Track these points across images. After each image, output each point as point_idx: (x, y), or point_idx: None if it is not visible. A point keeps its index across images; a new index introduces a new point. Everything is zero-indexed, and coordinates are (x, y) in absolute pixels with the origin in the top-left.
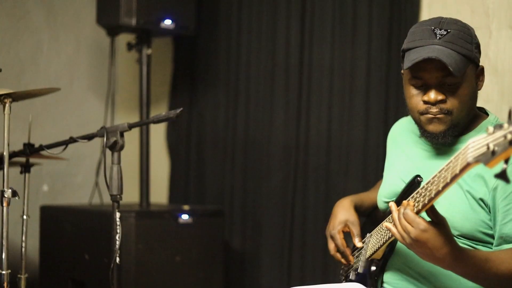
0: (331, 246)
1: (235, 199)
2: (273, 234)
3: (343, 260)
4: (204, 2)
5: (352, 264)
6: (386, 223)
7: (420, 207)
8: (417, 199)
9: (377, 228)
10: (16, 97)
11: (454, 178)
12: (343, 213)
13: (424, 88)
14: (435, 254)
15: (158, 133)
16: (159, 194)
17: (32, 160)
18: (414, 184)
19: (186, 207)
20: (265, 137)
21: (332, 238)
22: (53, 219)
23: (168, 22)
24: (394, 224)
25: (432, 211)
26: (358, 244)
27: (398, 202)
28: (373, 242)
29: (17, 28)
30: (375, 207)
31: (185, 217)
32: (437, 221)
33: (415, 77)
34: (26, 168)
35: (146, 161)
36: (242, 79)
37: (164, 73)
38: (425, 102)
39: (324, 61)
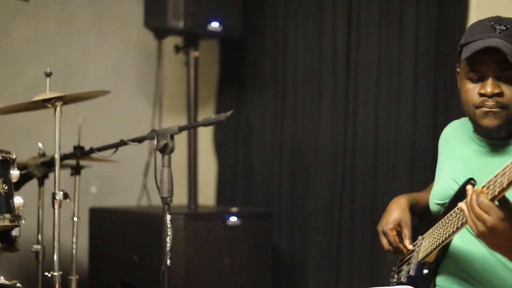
0: (384, 241)
1: (282, 201)
2: (320, 236)
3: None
4: (250, 4)
5: (403, 259)
6: (460, 203)
7: (490, 197)
8: (490, 188)
9: (430, 231)
10: (66, 100)
11: None
12: (398, 212)
13: (481, 82)
14: (511, 245)
15: (205, 136)
16: (207, 196)
17: (82, 162)
18: None
19: (234, 209)
20: (312, 139)
21: (385, 234)
22: (102, 220)
23: (215, 25)
24: (468, 210)
25: (505, 202)
26: (409, 246)
27: (451, 204)
28: (426, 245)
29: (65, 31)
30: (428, 207)
31: (233, 219)
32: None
33: (472, 70)
34: (76, 170)
35: (194, 164)
36: (288, 80)
37: (210, 76)
38: (481, 95)
39: (371, 61)
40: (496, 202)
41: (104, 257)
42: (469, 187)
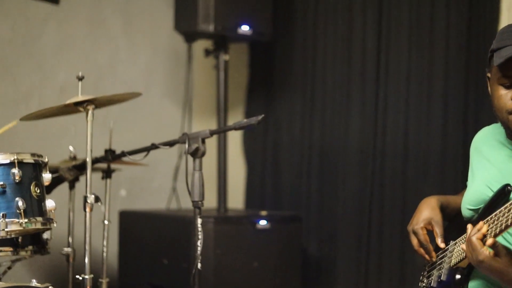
0: (414, 241)
1: (311, 204)
2: (349, 240)
3: (426, 256)
4: (280, 8)
5: (434, 264)
6: (462, 245)
7: (497, 231)
8: (495, 222)
9: (462, 237)
10: (98, 103)
11: None
12: (429, 211)
13: None
14: (502, 278)
15: (234, 139)
16: (236, 199)
17: (112, 165)
18: (503, 193)
19: (264, 213)
20: (341, 143)
21: (415, 233)
22: (132, 223)
23: (245, 28)
24: (466, 244)
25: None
26: (441, 244)
27: (486, 210)
28: (459, 250)
29: (95, 35)
30: (459, 211)
31: (263, 222)
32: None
33: (504, 76)
34: (107, 174)
35: (224, 167)
36: (318, 84)
37: (240, 79)
38: None
39: (401, 65)
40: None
41: (134, 259)
42: (468, 226)
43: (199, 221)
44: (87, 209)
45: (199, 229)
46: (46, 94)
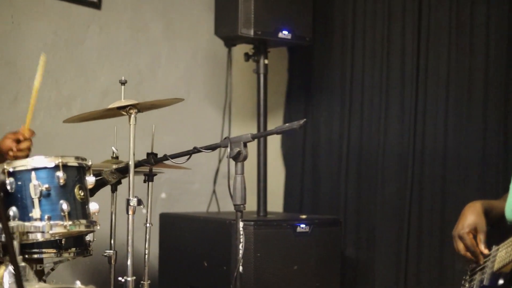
0: (460, 246)
1: (348, 208)
2: (387, 243)
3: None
4: (318, 12)
5: (476, 268)
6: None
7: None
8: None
9: (507, 242)
10: (140, 107)
11: None
12: (474, 216)
13: None
14: None
15: (273, 143)
16: (274, 202)
17: (154, 169)
18: None
19: (303, 217)
20: (380, 146)
21: (461, 238)
22: (172, 226)
23: (285, 33)
24: None
25: None
26: (485, 251)
27: None
28: (502, 256)
29: (136, 39)
30: (502, 216)
31: (303, 226)
32: None
33: None
34: (149, 177)
35: (263, 171)
36: (356, 88)
37: (279, 83)
38: None
39: (441, 68)
40: None
41: (174, 262)
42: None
43: (241, 224)
44: (130, 212)
45: (241, 232)
46: (88, 98)
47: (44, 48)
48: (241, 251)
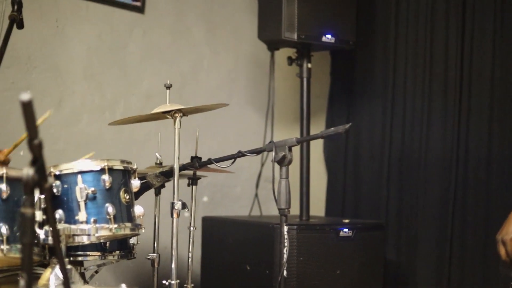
0: (502, 251)
1: (390, 212)
2: (430, 248)
3: None
4: (361, 16)
5: None
6: None
7: None
8: None
9: None
10: (185, 112)
11: None
12: None
13: None
14: None
15: (316, 146)
16: (316, 206)
17: (197, 172)
18: None
19: (346, 221)
20: (422, 150)
21: (504, 243)
22: (214, 229)
23: (328, 36)
24: None
25: None
26: None
27: None
28: None
29: (179, 43)
30: None
31: (345, 230)
32: None
33: None
34: (193, 180)
35: (306, 175)
36: (398, 92)
37: (321, 87)
38: None
39: (484, 72)
40: None
41: (216, 265)
42: None
43: (285, 228)
44: (174, 216)
45: (286, 236)
46: (131, 101)
47: (88, 51)
48: (285, 255)
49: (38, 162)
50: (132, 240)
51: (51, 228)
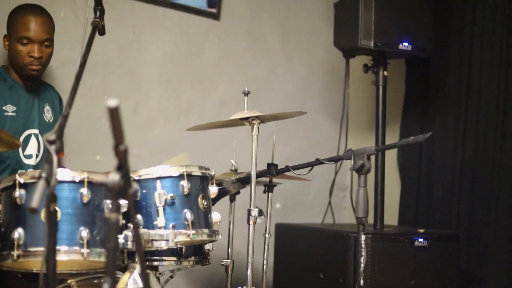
0: None
1: (461, 222)
2: (503, 259)
3: None
4: (436, 23)
5: None
6: None
7: None
8: None
9: None
10: (264, 119)
11: None
12: None
13: None
14: None
15: (390, 155)
16: (389, 215)
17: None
18: None
19: (421, 231)
20: (496, 160)
21: None
22: (287, 236)
23: (405, 44)
24: None
25: None
26: None
27: None
28: None
29: (253, 49)
30: None
31: (420, 240)
32: None
33: None
34: (269, 187)
35: (381, 183)
36: (472, 100)
37: (396, 95)
38: None
39: None
40: None
41: (289, 272)
42: None
43: (363, 237)
44: (251, 222)
45: (363, 245)
46: (205, 107)
47: (164, 57)
48: (362, 264)
49: (124, 168)
50: (207, 246)
51: (133, 233)
